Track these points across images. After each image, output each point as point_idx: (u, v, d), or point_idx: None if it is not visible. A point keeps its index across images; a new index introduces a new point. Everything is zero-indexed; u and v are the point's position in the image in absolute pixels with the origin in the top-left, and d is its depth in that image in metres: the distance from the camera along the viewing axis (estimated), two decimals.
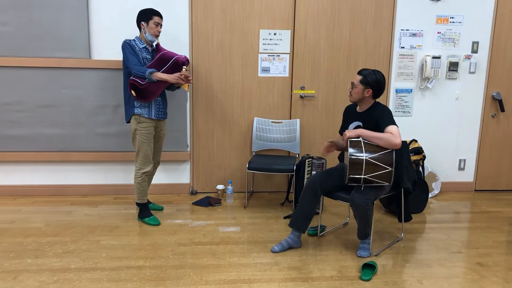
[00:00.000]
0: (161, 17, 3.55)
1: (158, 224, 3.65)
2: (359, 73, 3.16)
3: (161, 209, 3.98)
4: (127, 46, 3.46)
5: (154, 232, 3.51)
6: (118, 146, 4.23)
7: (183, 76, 3.48)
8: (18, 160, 4.18)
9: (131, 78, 3.44)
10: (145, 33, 3.51)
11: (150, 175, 3.77)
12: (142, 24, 3.51)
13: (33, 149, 4.17)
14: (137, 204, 3.70)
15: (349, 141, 3.01)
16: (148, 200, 3.94)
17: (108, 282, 2.72)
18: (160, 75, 3.45)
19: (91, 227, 3.57)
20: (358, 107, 3.27)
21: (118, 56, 4.06)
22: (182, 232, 3.52)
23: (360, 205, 2.98)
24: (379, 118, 3.08)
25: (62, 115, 4.14)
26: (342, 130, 3.45)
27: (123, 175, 4.35)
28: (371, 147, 2.99)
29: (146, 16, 3.50)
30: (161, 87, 3.55)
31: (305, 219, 3.21)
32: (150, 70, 3.41)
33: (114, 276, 2.80)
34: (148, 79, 3.41)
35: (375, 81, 3.10)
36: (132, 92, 3.46)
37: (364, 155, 2.96)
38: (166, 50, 3.61)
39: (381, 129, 3.04)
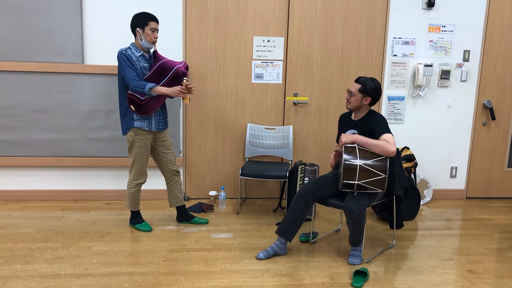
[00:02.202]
0: (157, 21, 3.34)
1: (150, 230, 3.63)
2: (357, 81, 3.16)
3: (206, 222, 3.85)
4: (124, 58, 3.26)
5: (146, 238, 3.49)
6: (110, 151, 4.22)
7: (184, 89, 3.33)
8: (9, 164, 4.15)
9: (129, 92, 3.27)
10: (141, 40, 3.31)
11: (171, 183, 3.68)
12: (138, 31, 3.30)
13: (24, 154, 4.14)
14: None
15: (344, 146, 3.03)
16: (191, 214, 3.86)
17: None
18: (161, 90, 3.29)
19: (82, 233, 3.55)
20: (353, 115, 3.29)
21: (112, 61, 4.06)
22: (174, 238, 3.50)
23: (354, 211, 2.99)
24: (374, 126, 3.10)
25: (55, 120, 4.12)
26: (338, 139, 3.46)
27: (115, 181, 4.33)
28: (366, 153, 3.01)
29: (142, 21, 3.29)
30: (162, 100, 3.40)
31: (293, 227, 3.19)
32: (150, 85, 3.24)
33: (105, 282, 2.78)
34: (148, 94, 3.27)
35: (373, 89, 3.13)
36: (131, 107, 3.30)
37: (358, 161, 2.98)
38: (164, 58, 3.42)
39: (376, 137, 3.05)
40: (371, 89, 3.12)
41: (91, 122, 4.16)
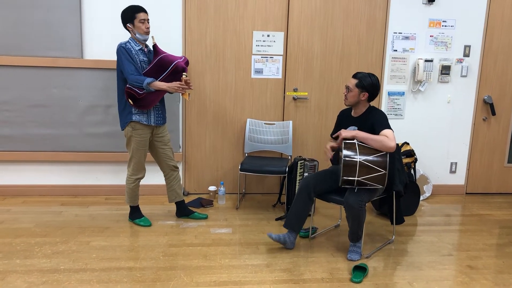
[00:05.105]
0: (145, 11, 3.32)
1: (149, 226, 3.62)
2: (354, 76, 3.15)
3: (205, 217, 3.85)
4: (123, 51, 3.26)
5: (145, 233, 3.49)
6: (109, 146, 4.21)
7: (183, 84, 3.30)
8: (8, 159, 4.14)
9: (127, 86, 3.27)
10: (135, 34, 3.33)
11: (170, 178, 3.68)
12: (129, 26, 3.32)
13: (23, 149, 4.13)
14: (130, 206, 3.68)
15: (344, 142, 3.01)
16: (190, 209, 3.85)
17: (98, 283, 2.70)
18: (159, 85, 3.26)
19: (81, 227, 3.55)
20: (353, 111, 3.27)
21: (110, 56, 4.04)
22: (173, 233, 3.50)
23: (354, 207, 2.98)
24: (374, 122, 3.08)
25: (53, 115, 4.11)
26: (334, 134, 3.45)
27: (114, 176, 4.33)
28: (366, 149, 2.99)
29: (129, 15, 3.29)
30: (160, 95, 3.38)
31: (298, 220, 3.21)
32: (148, 80, 3.22)
33: (104, 277, 2.78)
34: (146, 89, 3.25)
35: (370, 84, 3.11)
36: (130, 101, 3.29)
37: (358, 158, 2.96)
38: (163, 52, 3.41)
39: (376, 133, 3.04)
40: (368, 84, 3.10)
41: (89, 117, 4.14)
